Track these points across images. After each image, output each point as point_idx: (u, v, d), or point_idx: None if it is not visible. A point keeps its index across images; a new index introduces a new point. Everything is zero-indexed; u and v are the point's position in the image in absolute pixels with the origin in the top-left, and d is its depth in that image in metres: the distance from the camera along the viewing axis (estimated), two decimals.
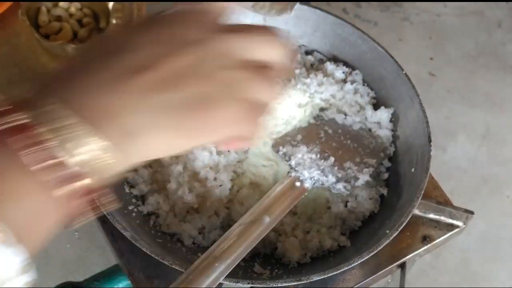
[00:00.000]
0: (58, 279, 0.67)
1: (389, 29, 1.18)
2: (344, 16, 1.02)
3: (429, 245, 0.64)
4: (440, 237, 0.64)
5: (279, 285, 0.52)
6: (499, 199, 1.03)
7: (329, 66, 0.69)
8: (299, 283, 0.52)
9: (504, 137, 1.09)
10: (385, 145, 0.65)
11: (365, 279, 0.61)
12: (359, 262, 0.53)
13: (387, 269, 0.62)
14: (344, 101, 0.67)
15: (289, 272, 0.58)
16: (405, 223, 0.55)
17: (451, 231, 0.65)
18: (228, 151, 0.62)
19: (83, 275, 0.69)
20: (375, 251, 0.53)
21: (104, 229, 0.61)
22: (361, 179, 0.60)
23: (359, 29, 0.68)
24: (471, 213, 0.63)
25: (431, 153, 0.59)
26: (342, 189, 0.60)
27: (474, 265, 0.96)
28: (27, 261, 0.27)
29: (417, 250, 0.63)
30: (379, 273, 0.62)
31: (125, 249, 0.59)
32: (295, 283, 0.52)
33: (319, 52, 0.72)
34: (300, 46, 0.72)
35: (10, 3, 0.87)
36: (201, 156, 0.61)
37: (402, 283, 0.63)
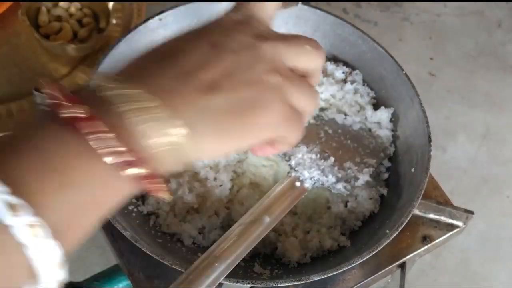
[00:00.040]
0: None
1: (389, 29, 1.18)
2: (344, 16, 1.02)
3: (429, 245, 0.64)
4: (440, 237, 0.64)
5: (279, 285, 0.52)
6: (499, 199, 1.03)
7: (329, 66, 0.69)
8: (299, 283, 0.52)
9: (504, 137, 1.09)
10: (385, 145, 0.65)
11: (365, 279, 0.61)
12: (359, 262, 0.53)
13: (387, 269, 0.62)
14: (344, 101, 0.67)
15: (289, 272, 0.58)
16: (405, 223, 0.55)
17: (451, 231, 0.65)
18: None
19: (83, 275, 0.69)
20: (375, 251, 0.53)
21: (104, 229, 0.61)
22: (361, 179, 0.60)
23: (359, 29, 0.68)
24: (471, 213, 0.63)
25: (431, 153, 0.59)
26: (342, 189, 0.60)
27: (474, 265, 0.96)
28: (61, 258, 0.27)
29: (417, 250, 0.63)
30: (379, 273, 0.62)
31: (125, 249, 0.59)
32: (295, 283, 0.52)
33: None
34: None
35: (10, 3, 0.87)
36: None
37: (402, 283, 0.63)
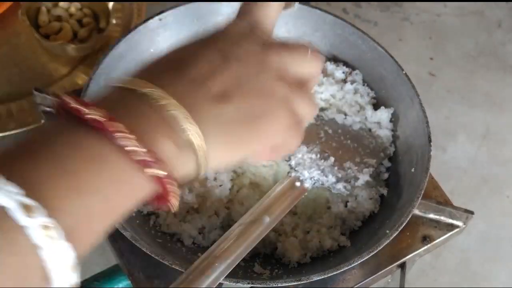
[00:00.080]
0: None
1: (389, 29, 1.18)
2: (344, 16, 1.02)
3: (429, 245, 0.64)
4: (440, 237, 0.64)
5: (279, 285, 0.52)
6: (499, 199, 1.03)
7: (329, 66, 0.69)
8: (299, 283, 0.52)
9: (504, 137, 1.09)
10: (385, 145, 0.65)
11: (365, 279, 0.61)
12: (359, 262, 0.53)
13: (387, 269, 0.62)
14: (344, 101, 0.67)
15: (289, 272, 0.58)
16: (405, 223, 0.55)
17: (451, 231, 0.65)
18: None
19: (83, 275, 0.68)
20: (375, 251, 0.53)
21: None
22: (361, 179, 0.60)
23: (359, 29, 0.68)
24: (471, 213, 0.63)
25: (431, 153, 0.59)
26: (342, 189, 0.60)
27: (474, 265, 0.96)
28: (74, 261, 0.27)
29: (417, 250, 0.63)
30: (379, 273, 0.62)
31: (125, 249, 0.59)
32: (295, 283, 0.52)
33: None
34: None
35: (10, 3, 0.87)
36: None
37: (402, 283, 0.63)
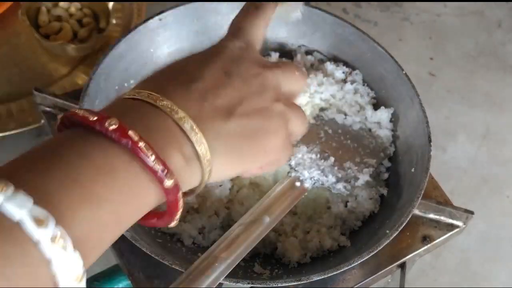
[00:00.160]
0: None
1: (389, 29, 1.18)
2: (344, 16, 1.02)
3: (429, 245, 0.64)
4: (440, 237, 0.64)
5: (279, 285, 0.52)
6: (499, 199, 1.03)
7: (329, 66, 0.69)
8: (299, 283, 0.52)
9: (504, 137, 1.09)
10: (385, 145, 0.65)
11: (365, 279, 0.61)
12: (359, 262, 0.53)
13: (387, 269, 0.62)
14: (344, 101, 0.67)
15: (289, 272, 0.58)
16: (405, 223, 0.55)
17: (451, 231, 0.65)
18: None
19: None
20: (375, 251, 0.53)
21: None
22: (361, 179, 0.60)
23: (359, 29, 0.68)
24: (471, 213, 0.63)
25: (431, 153, 0.59)
26: (342, 189, 0.60)
27: (474, 265, 0.95)
28: (82, 271, 0.27)
29: (417, 250, 0.63)
30: (379, 273, 0.62)
31: (125, 249, 0.59)
32: (295, 283, 0.52)
33: (319, 52, 0.72)
34: (300, 46, 0.72)
35: (10, 3, 0.87)
36: None
37: (402, 283, 0.63)
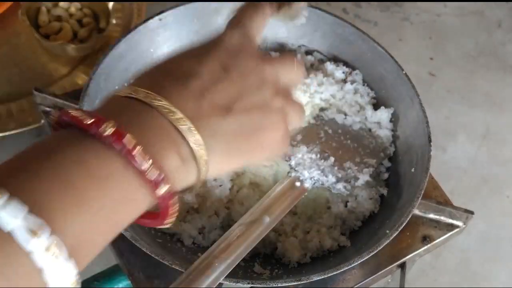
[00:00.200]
0: None
1: (389, 29, 1.18)
2: (344, 16, 1.02)
3: (429, 245, 0.64)
4: (440, 237, 0.64)
5: (279, 285, 0.52)
6: (499, 199, 1.03)
7: (329, 66, 0.69)
8: (299, 283, 0.52)
9: (504, 137, 1.09)
10: (385, 145, 0.65)
11: (365, 279, 0.61)
12: (359, 262, 0.53)
13: (387, 269, 0.62)
14: (344, 101, 0.67)
15: (289, 272, 0.58)
16: (405, 223, 0.55)
17: (451, 231, 0.65)
18: None
19: (83, 275, 0.68)
20: (375, 251, 0.53)
21: None
22: (361, 179, 0.60)
23: (359, 29, 0.68)
24: (471, 213, 0.63)
25: (431, 153, 0.59)
26: (342, 189, 0.60)
27: (474, 265, 0.95)
28: (76, 277, 0.27)
29: (417, 250, 0.63)
30: (379, 273, 0.62)
31: (125, 249, 0.59)
32: (295, 283, 0.52)
33: (319, 52, 0.72)
34: (300, 46, 0.72)
35: (10, 3, 0.87)
36: None
37: (402, 283, 0.63)
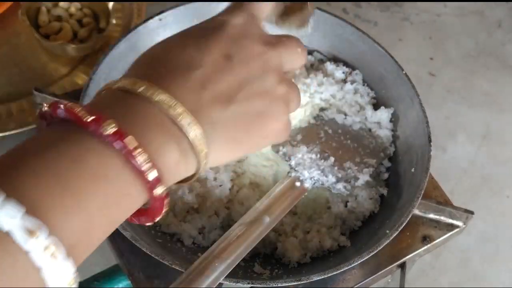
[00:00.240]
0: None
1: (389, 29, 1.18)
2: (344, 16, 1.02)
3: (429, 245, 0.64)
4: (440, 237, 0.64)
5: (279, 285, 0.52)
6: (499, 199, 1.03)
7: (329, 66, 0.69)
8: (299, 283, 0.52)
9: (504, 137, 1.09)
10: (385, 145, 0.65)
11: (365, 279, 0.61)
12: (359, 262, 0.53)
13: (387, 269, 0.62)
14: (344, 101, 0.67)
15: (289, 272, 0.58)
16: (405, 223, 0.55)
17: (451, 231, 0.65)
18: None
19: (83, 275, 0.68)
20: (375, 251, 0.53)
21: None
22: (361, 179, 0.60)
23: (359, 29, 0.68)
24: (471, 213, 0.63)
25: (431, 153, 0.59)
26: (342, 189, 0.60)
27: (474, 265, 0.95)
28: (74, 275, 0.27)
29: (417, 250, 0.63)
30: (379, 273, 0.62)
31: (125, 249, 0.59)
32: (295, 283, 0.52)
33: (319, 52, 0.72)
34: None
35: (10, 3, 0.87)
36: None
37: (402, 283, 0.63)
